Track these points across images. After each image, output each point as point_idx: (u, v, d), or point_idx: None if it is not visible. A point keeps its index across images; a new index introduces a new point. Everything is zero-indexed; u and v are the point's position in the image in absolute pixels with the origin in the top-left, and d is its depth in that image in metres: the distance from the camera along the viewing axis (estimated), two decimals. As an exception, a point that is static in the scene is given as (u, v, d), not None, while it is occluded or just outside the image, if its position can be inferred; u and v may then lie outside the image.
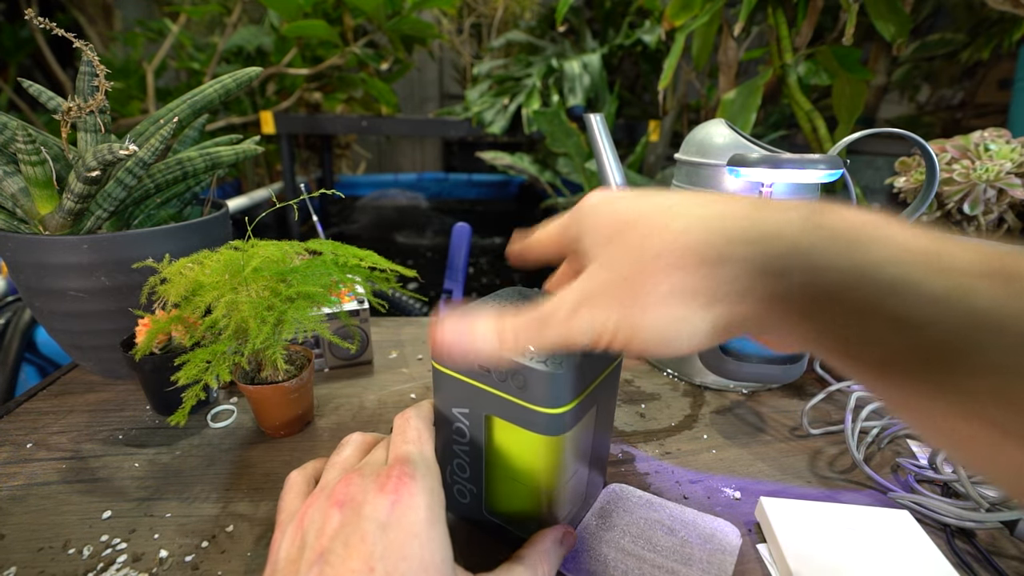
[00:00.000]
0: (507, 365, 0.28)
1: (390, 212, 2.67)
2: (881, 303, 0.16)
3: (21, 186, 0.46)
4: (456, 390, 0.31)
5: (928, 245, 0.16)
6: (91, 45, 0.44)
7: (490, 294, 0.33)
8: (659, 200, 0.21)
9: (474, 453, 0.32)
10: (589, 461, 0.35)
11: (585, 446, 0.34)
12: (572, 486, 0.33)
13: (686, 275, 0.19)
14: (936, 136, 0.65)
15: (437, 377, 0.32)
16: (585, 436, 0.33)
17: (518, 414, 0.29)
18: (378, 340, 0.63)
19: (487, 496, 0.33)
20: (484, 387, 0.29)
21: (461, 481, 0.34)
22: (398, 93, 2.27)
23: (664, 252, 0.19)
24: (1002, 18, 1.52)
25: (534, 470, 0.30)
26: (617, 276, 0.20)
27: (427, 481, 0.25)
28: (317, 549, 0.22)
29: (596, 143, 0.58)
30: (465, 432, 0.32)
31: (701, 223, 0.19)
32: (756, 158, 0.38)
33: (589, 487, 0.36)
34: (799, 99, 0.95)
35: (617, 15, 2.04)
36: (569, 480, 0.32)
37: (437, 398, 0.32)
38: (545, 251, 0.28)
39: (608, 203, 0.23)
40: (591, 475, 0.36)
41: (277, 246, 0.42)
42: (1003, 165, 0.56)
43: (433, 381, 0.32)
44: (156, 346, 0.44)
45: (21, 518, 0.36)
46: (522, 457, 0.31)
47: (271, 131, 1.89)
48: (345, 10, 1.97)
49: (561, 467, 0.30)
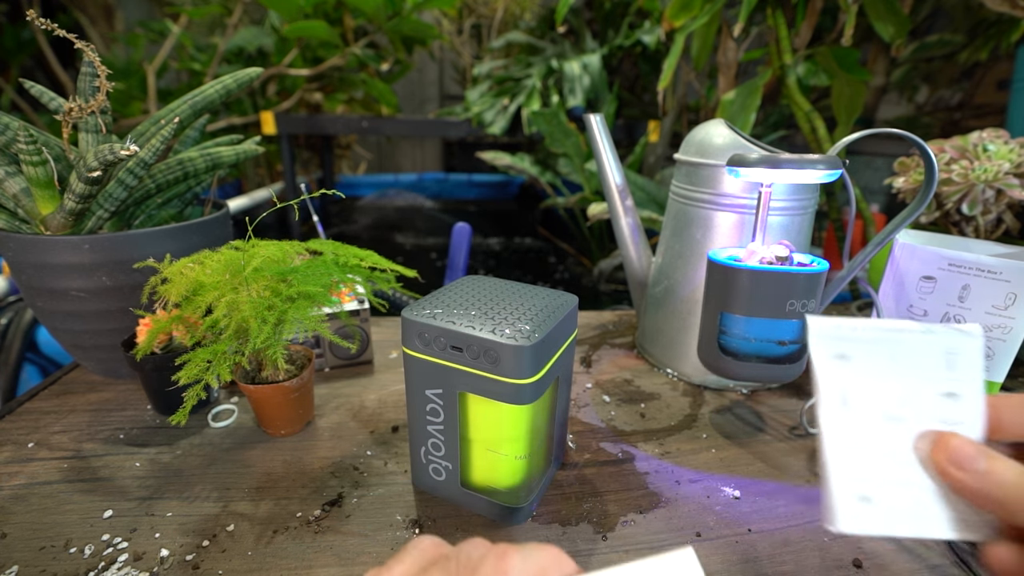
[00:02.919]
0: (477, 343, 0.31)
1: (390, 212, 2.67)
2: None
3: (23, 186, 0.46)
4: (429, 372, 0.34)
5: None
6: (92, 46, 0.44)
7: (448, 284, 0.37)
8: None
9: (449, 431, 0.35)
10: (556, 424, 0.39)
11: (551, 411, 0.38)
12: (545, 449, 0.38)
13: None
14: (935, 136, 0.65)
15: (409, 360, 0.34)
16: (551, 402, 0.37)
17: (492, 387, 0.32)
18: (378, 340, 0.63)
19: (463, 471, 0.36)
20: (457, 366, 0.32)
21: (436, 460, 0.37)
22: (398, 94, 2.28)
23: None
24: (1000, 19, 1.52)
25: (510, 439, 0.33)
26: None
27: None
28: None
29: (596, 143, 0.58)
30: (439, 411, 0.35)
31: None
32: (755, 158, 0.38)
33: (556, 449, 0.41)
34: (798, 100, 0.96)
35: (617, 16, 2.04)
36: (542, 444, 0.37)
37: (409, 381, 0.35)
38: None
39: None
40: (557, 437, 0.40)
41: (278, 246, 0.42)
42: (1001, 165, 0.56)
43: (404, 364, 0.35)
44: (157, 346, 0.44)
45: (23, 517, 0.36)
46: (497, 428, 0.34)
47: (272, 131, 1.89)
48: (345, 11, 1.97)
49: (534, 432, 0.34)
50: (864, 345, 0.23)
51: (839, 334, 0.23)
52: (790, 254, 0.40)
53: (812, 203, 0.51)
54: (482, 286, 0.38)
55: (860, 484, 0.22)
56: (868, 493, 0.22)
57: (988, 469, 0.20)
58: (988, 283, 0.45)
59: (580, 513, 0.38)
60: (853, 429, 0.23)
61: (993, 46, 1.59)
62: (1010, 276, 0.44)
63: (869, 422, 0.23)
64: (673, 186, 0.54)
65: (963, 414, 0.23)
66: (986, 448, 0.21)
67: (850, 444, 0.23)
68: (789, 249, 0.40)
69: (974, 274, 0.45)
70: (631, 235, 0.59)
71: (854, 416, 0.23)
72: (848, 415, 0.23)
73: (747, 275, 0.39)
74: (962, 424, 0.22)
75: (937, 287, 0.48)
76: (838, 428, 0.23)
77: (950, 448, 0.21)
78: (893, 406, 0.23)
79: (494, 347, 0.30)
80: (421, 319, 0.33)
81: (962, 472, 0.20)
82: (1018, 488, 0.19)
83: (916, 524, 0.22)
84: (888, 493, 0.22)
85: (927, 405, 0.23)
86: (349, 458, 0.43)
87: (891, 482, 0.22)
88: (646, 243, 0.60)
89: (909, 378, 0.23)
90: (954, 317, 0.47)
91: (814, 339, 0.23)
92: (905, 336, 0.23)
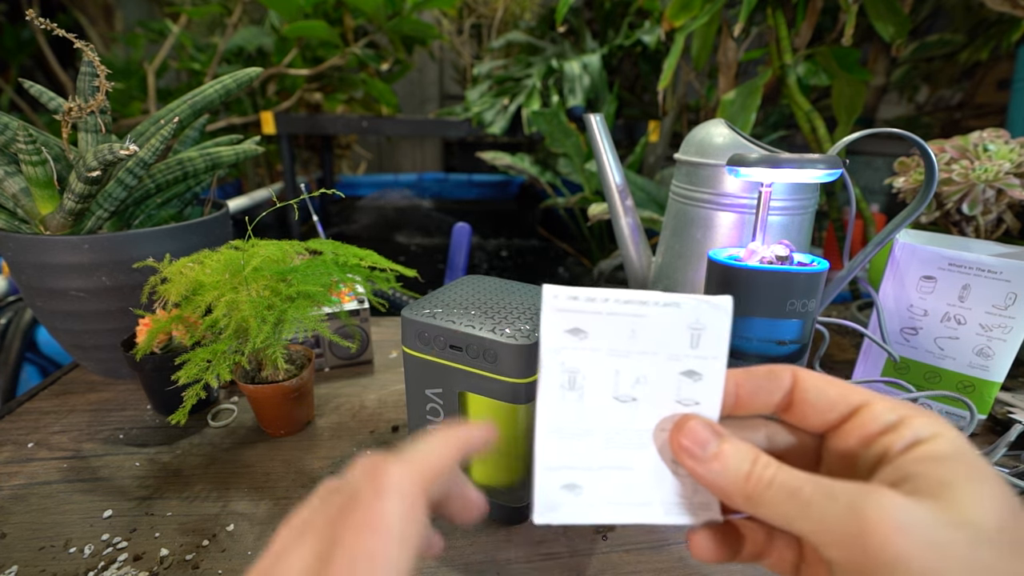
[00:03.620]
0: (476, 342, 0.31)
1: (390, 212, 2.67)
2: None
3: (22, 186, 0.46)
4: (429, 371, 0.34)
5: None
6: (92, 46, 0.44)
7: (448, 283, 0.37)
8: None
9: None
10: None
11: None
12: None
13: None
14: (935, 136, 0.65)
15: (409, 360, 0.34)
16: None
17: (491, 387, 0.32)
18: (378, 340, 0.63)
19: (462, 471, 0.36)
20: (457, 365, 0.32)
21: None
22: (398, 93, 2.28)
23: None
24: (1001, 19, 1.52)
25: (510, 437, 0.33)
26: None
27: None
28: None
29: (596, 143, 0.58)
30: (439, 411, 0.35)
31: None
32: (755, 158, 0.38)
33: None
34: (798, 99, 0.96)
35: (617, 16, 2.04)
36: None
37: (409, 380, 0.35)
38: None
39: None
40: None
41: (277, 246, 0.42)
42: (1002, 165, 0.56)
43: (404, 364, 0.35)
44: (157, 346, 0.44)
45: (22, 517, 0.36)
46: (497, 428, 0.33)
47: (271, 131, 1.89)
48: (345, 11, 1.97)
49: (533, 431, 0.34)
50: (603, 319, 0.21)
51: (576, 306, 0.21)
52: (790, 254, 0.40)
53: (812, 203, 0.51)
54: (482, 286, 0.38)
55: (569, 473, 0.21)
56: (577, 481, 0.21)
57: (717, 452, 0.19)
58: (988, 283, 0.45)
59: (580, 513, 0.38)
60: (573, 413, 0.21)
61: (993, 46, 1.59)
62: (1010, 276, 0.44)
63: (595, 405, 0.21)
64: (673, 186, 0.54)
65: (702, 394, 0.22)
66: (722, 430, 0.20)
67: (565, 430, 0.21)
68: (789, 249, 0.40)
69: (974, 274, 0.45)
70: (631, 235, 0.59)
71: (578, 398, 0.21)
72: (571, 397, 0.21)
73: (747, 275, 0.39)
74: (699, 404, 0.22)
75: (937, 287, 0.48)
76: (554, 412, 0.21)
77: (685, 430, 0.20)
78: (626, 387, 0.22)
79: (494, 346, 0.31)
80: (421, 319, 0.33)
81: (692, 457, 0.20)
82: (737, 473, 0.19)
83: (628, 510, 0.21)
84: (602, 480, 0.21)
85: (664, 385, 0.22)
86: (349, 458, 0.43)
87: (609, 467, 0.21)
88: (646, 243, 0.60)
89: (648, 356, 0.21)
90: (954, 317, 0.47)
91: (547, 311, 0.21)
92: (649, 310, 0.21)
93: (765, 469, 0.18)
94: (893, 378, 0.51)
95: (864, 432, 0.18)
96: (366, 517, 0.17)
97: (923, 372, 0.50)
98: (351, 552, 0.16)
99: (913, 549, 0.15)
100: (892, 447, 0.17)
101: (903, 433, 0.17)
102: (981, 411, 0.48)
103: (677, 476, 0.22)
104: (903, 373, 0.51)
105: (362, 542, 0.16)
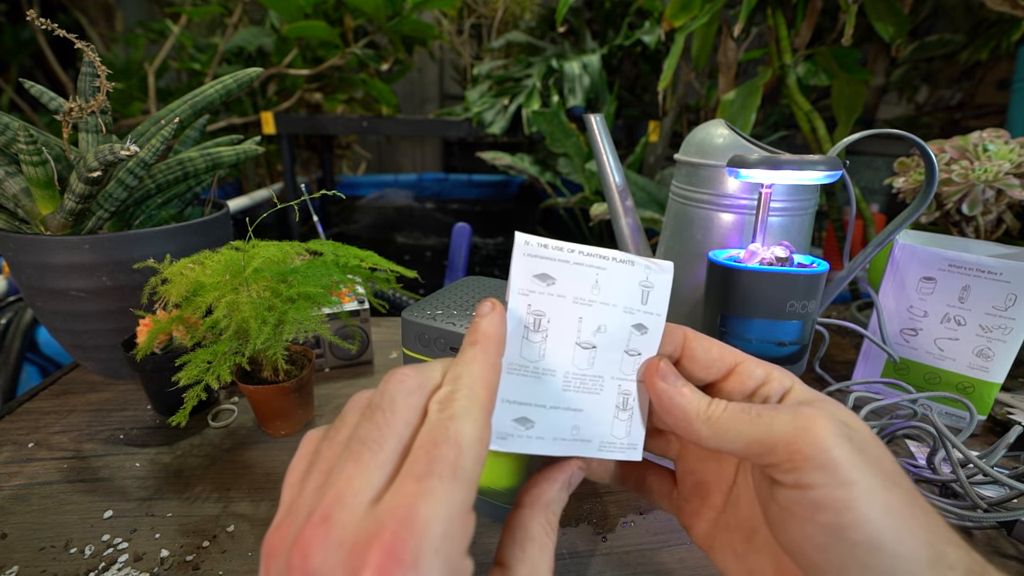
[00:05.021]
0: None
1: (390, 212, 2.67)
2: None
3: (23, 186, 0.46)
4: None
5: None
6: (92, 46, 0.44)
7: (448, 284, 0.36)
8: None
9: None
10: None
11: None
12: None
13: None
14: (935, 137, 0.65)
15: (409, 361, 0.34)
16: None
17: None
18: (378, 340, 0.63)
19: None
20: None
21: None
22: (398, 94, 2.28)
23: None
24: (1001, 19, 1.52)
25: None
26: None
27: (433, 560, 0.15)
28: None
29: (596, 143, 0.58)
30: None
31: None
32: (756, 159, 0.38)
33: None
34: (798, 100, 0.96)
35: (617, 16, 2.04)
36: None
37: None
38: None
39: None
40: None
41: (278, 246, 0.42)
42: (1002, 165, 0.56)
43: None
44: (157, 346, 0.44)
45: (23, 517, 0.36)
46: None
47: (272, 131, 1.89)
48: (345, 11, 1.97)
49: None
50: (570, 268, 0.23)
51: (546, 252, 0.23)
52: (790, 255, 0.40)
53: (812, 204, 0.51)
54: (482, 287, 0.38)
55: (524, 408, 0.23)
56: (531, 416, 0.23)
57: (684, 385, 0.23)
58: (988, 283, 0.45)
59: (580, 514, 0.38)
60: (535, 354, 0.23)
61: (993, 46, 1.59)
62: (1010, 277, 0.44)
63: (557, 348, 0.23)
64: (673, 186, 0.54)
65: (644, 345, 0.24)
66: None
67: (527, 368, 0.23)
68: (789, 250, 0.40)
69: (974, 274, 0.45)
70: (631, 235, 0.59)
71: (542, 339, 0.23)
72: (536, 338, 0.23)
73: (747, 276, 0.39)
74: (640, 355, 0.24)
75: (937, 287, 0.48)
76: (518, 351, 0.23)
77: (660, 367, 0.24)
78: (588, 335, 0.23)
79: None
80: (421, 320, 0.33)
81: (670, 386, 0.23)
82: (701, 400, 0.22)
83: (569, 445, 0.23)
84: (553, 418, 0.23)
85: (619, 336, 0.24)
86: (349, 458, 0.43)
87: (562, 407, 0.23)
88: (646, 243, 0.60)
89: (608, 307, 0.24)
90: (954, 318, 0.47)
91: (518, 255, 0.22)
92: (608, 264, 0.23)
93: (719, 402, 0.22)
94: (893, 379, 0.51)
95: (744, 387, 0.23)
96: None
97: (923, 373, 0.50)
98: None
99: (837, 438, 0.19)
100: (771, 396, 0.23)
101: (773, 385, 0.23)
102: (981, 412, 0.48)
103: (618, 420, 0.24)
104: (903, 374, 0.51)
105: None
